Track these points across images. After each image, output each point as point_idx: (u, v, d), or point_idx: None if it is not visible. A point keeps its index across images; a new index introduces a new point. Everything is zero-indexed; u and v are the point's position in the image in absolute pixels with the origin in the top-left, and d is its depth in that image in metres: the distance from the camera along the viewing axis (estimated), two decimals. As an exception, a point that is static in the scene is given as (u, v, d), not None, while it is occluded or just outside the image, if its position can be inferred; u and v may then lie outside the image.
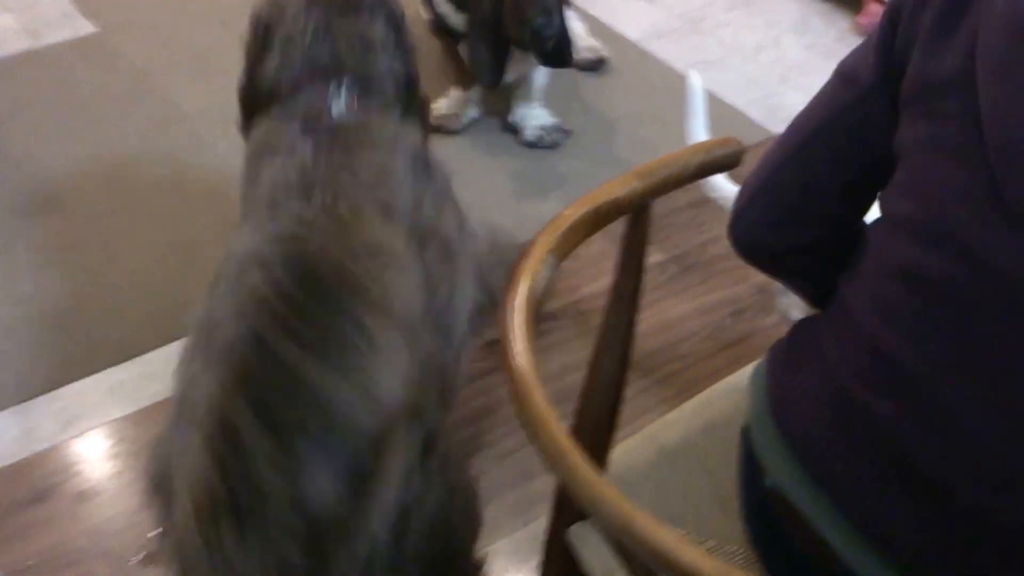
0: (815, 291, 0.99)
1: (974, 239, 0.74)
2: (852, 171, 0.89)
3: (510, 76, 2.27)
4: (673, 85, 2.52)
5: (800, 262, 0.98)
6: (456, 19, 2.25)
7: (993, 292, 0.73)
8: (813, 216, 0.93)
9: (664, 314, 1.93)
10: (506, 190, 2.22)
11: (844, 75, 0.89)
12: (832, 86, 0.90)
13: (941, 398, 0.76)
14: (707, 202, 1.83)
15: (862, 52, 0.87)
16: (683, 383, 1.80)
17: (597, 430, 1.08)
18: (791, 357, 0.92)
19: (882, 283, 0.81)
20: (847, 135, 0.87)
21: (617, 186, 1.06)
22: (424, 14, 2.41)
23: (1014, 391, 0.73)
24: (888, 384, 0.80)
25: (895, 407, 0.79)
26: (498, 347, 0.91)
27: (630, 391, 1.13)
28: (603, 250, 1.90)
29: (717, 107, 2.45)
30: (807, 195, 0.92)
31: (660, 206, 1.21)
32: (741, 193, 0.97)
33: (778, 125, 2.42)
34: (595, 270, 1.97)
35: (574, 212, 1.02)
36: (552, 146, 2.33)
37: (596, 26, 2.67)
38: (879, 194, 0.87)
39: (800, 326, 0.95)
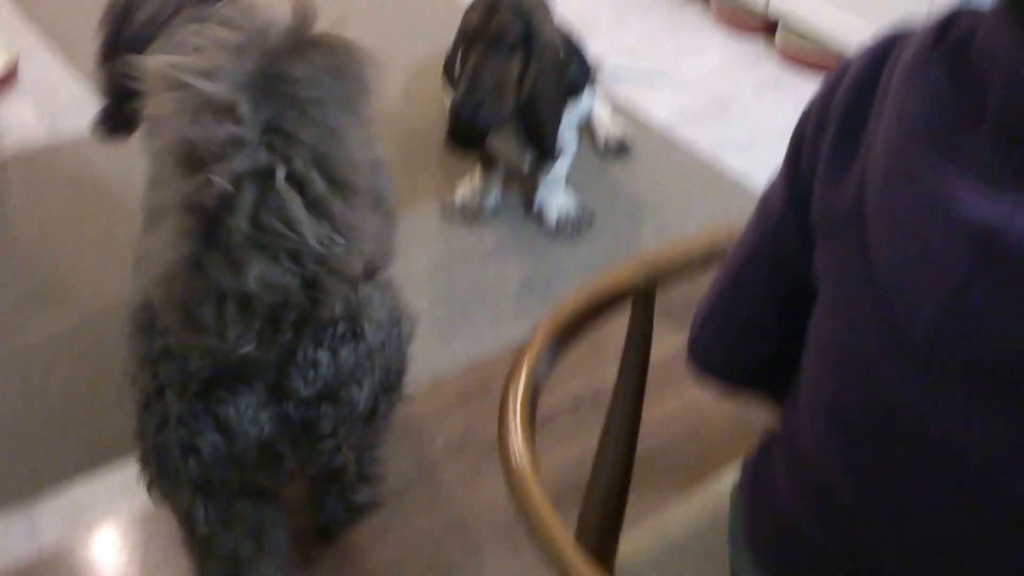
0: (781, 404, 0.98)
1: (885, 381, 0.72)
2: (783, 294, 0.88)
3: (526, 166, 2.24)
4: (700, 170, 2.45)
5: (760, 378, 0.96)
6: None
7: (910, 437, 0.72)
8: (760, 335, 0.92)
9: (687, 397, 1.83)
10: (528, 277, 2.15)
11: (762, 203, 0.88)
12: (754, 214, 0.90)
13: (873, 531, 0.78)
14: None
15: (776, 180, 0.86)
16: (706, 469, 1.70)
17: (602, 526, 1.02)
18: (757, 480, 0.92)
19: (814, 412, 0.80)
20: (770, 261, 0.87)
21: (621, 273, 0.98)
22: (446, 100, 2.37)
23: (939, 539, 0.72)
24: (828, 514, 0.81)
25: (836, 537, 0.80)
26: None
27: (653, 477, 1.06)
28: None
29: (746, 192, 2.38)
30: (750, 317, 0.92)
31: (683, 286, 1.14)
32: (695, 317, 0.96)
33: (808, 209, 2.34)
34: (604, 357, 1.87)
35: (575, 299, 0.95)
36: (575, 233, 2.25)
37: (621, 109, 2.61)
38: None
39: (764, 443, 0.94)
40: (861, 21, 2.64)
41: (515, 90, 2.03)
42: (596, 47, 2.78)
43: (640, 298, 0.99)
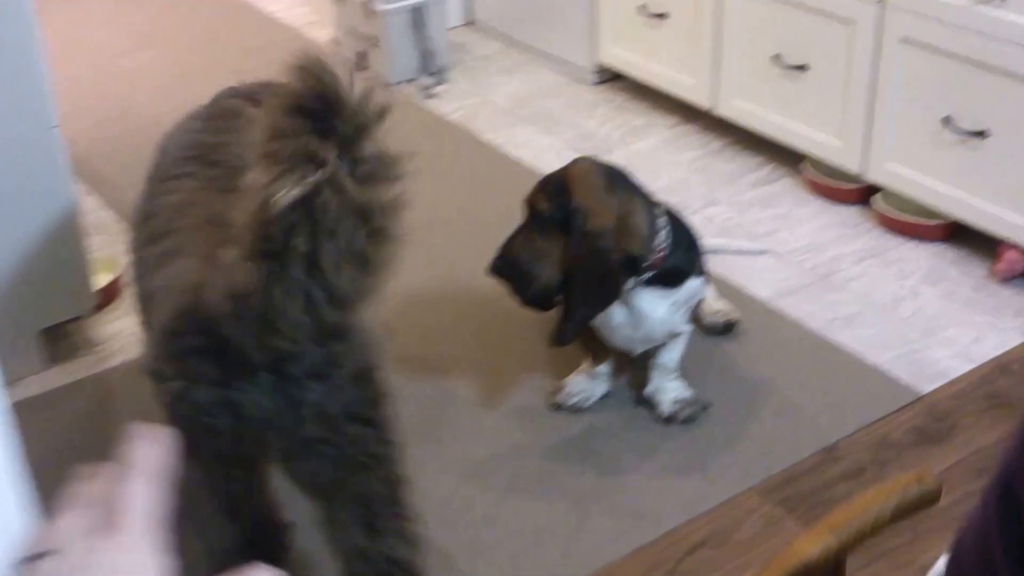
0: None
1: None
2: None
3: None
4: (811, 345, 2.36)
5: None
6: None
7: None
8: None
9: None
10: (643, 470, 2.05)
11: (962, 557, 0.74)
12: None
13: None
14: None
15: (982, 531, 0.73)
16: None
17: None
18: None
19: None
20: None
21: (807, 544, 0.88)
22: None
23: None
24: None
25: None
26: None
27: None
28: None
29: (859, 368, 2.28)
30: None
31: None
32: None
33: (927, 383, 2.23)
34: None
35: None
36: (689, 420, 2.16)
37: (724, 287, 2.54)
38: None
39: None
40: (958, 191, 2.57)
41: (553, 268, 1.98)
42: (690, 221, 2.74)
43: (831, 570, 0.89)
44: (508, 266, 2.04)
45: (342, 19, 3.80)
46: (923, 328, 2.41)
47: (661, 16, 3.21)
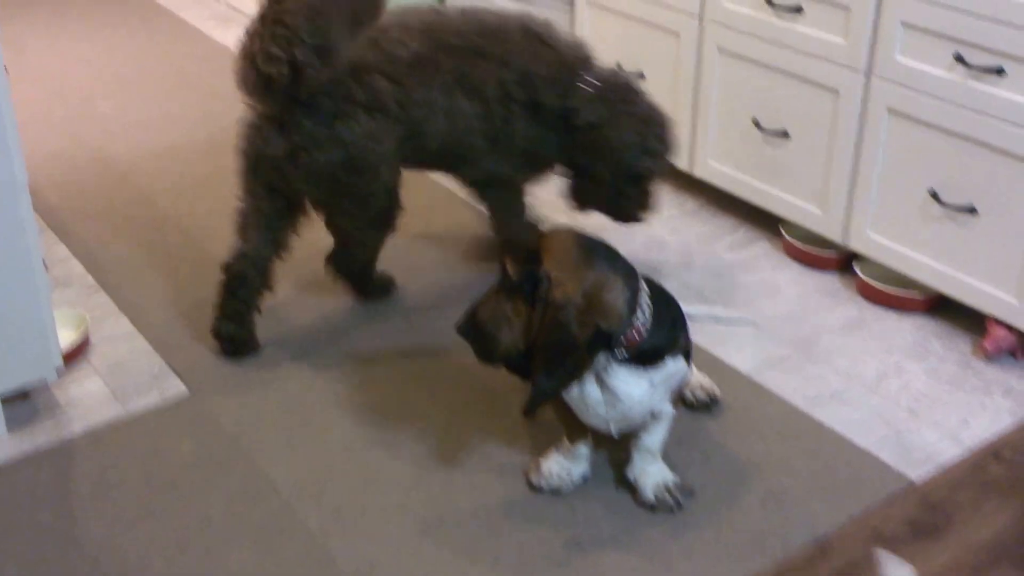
0: None
1: None
2: None
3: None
4: (797, 423, 2.17)
5: None
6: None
7: None
8: None
9: None
10: (626, 562, 1.84)
11: None
12: None
13: None
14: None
15: None
16: None
17: None
18: None
19: None
20: None
21: None
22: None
23: None
24: None
25: None
26: None
27: None
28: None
29: (846, 451, 2.09)
30: None
31: None
32: None
33: (917, 468, 2.04)
34: None
35: None
36: (674, 507, 1.96)
37: (704, 357, 2.35)
38: None
39: None
40: (944, 265, 2.40)
41: (516, 335, 1.80)
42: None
43: None
44: (473, 327, 1.86)
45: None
46: (909, 407, 2.23)
47: (638, 75, 3.03)
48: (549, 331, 1.77)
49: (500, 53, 2.38)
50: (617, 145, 2.43)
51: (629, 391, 1.89)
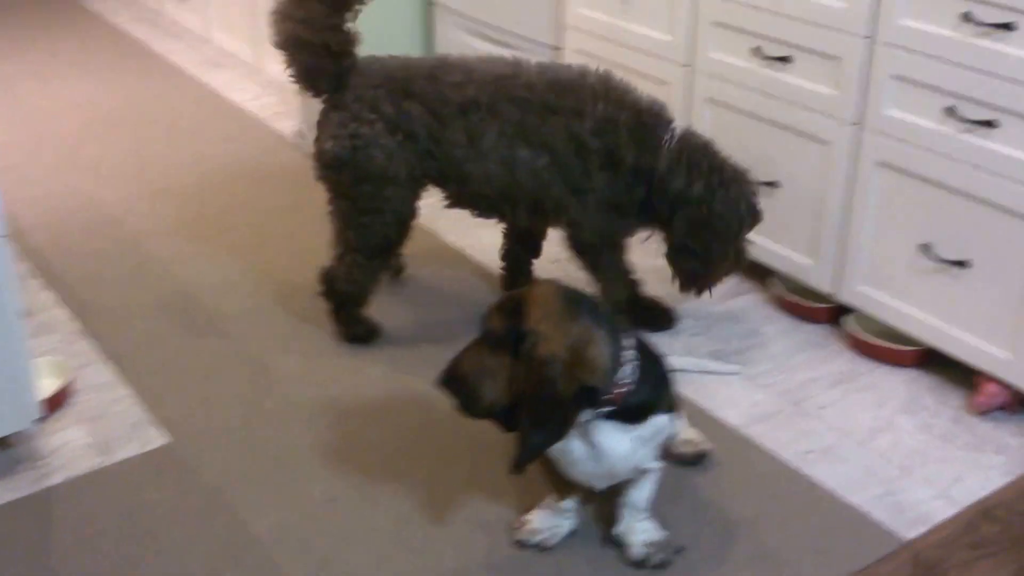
0: None
1: None
2: None
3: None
4: (785, 482, 2.14)
5: None
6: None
7: None
8: None
9: None
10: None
11: None
12: None
13: None
14: None
15: None
16: None
17: None
18: None
19: None
20: None
21: None
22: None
23: None
24: None
25: None
26: None
27: None
28: None
29: (838, 509, 2.07)
30: None
31: None
32: None
33: (909, 527, 2.02)
34: None
35: None
36: (662, 566, 1.93)
37: (692, 410, 2.33)
38: None
39: None
40: (935, 319, 2.39)
41: (500, 389, 1.77)
42: (654, 338, 2.53)
43: None
44: (455, 381, 1.83)
45: (308, 113, 3.59)
46: (901, 464, 2.21)
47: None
48: (535, 387, 1.75)
49: (572, 105, 2.43)
50: (721, 223, 2.46)
51: (613, 447, 1.86)
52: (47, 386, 2.43)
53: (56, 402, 2.42)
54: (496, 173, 2.48)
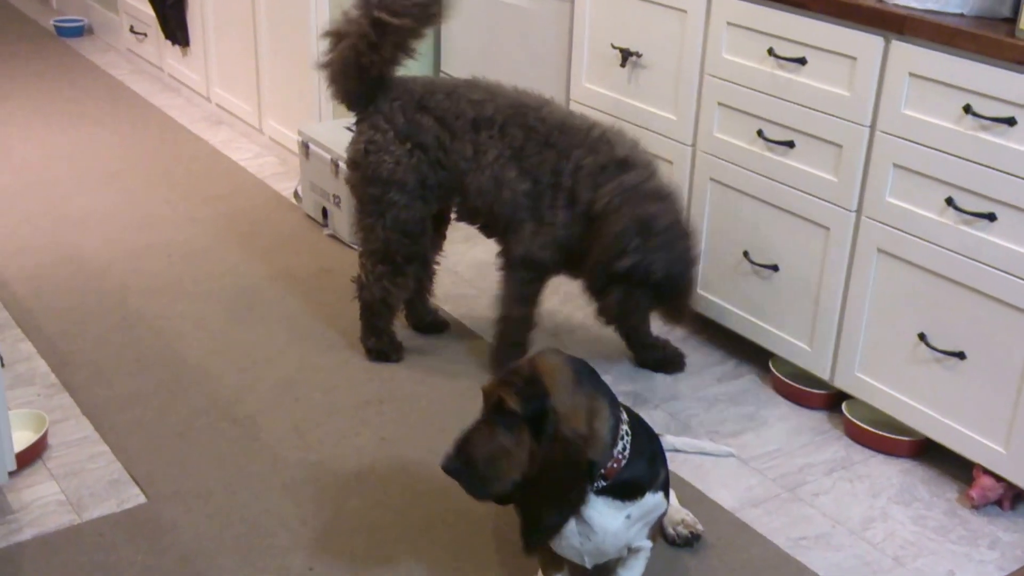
0: None
1: None
2: None
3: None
4: (781, 566, 2.15)
5: None
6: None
7: None
8: None
9: None
10: None
11: None
12: None
13: None
14: None
15: None
16: None
17: None
18: None
19: None
20: None
21: None
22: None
23: None
24: None
25: None
26: None
27: None
28: None
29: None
30: None
31: None
32: None
33: (903, 621, 2.01)
34: None
35: None
36: (648, 649, 1.93)
37: (687, 490, 2.34)
38: None
39: None
40: (931, 409, 2.42)
41: (517, 469, 1.77)
42: (650, 417, 2.55)
43: None
44: (466, 464, 1.81)
45: (307, 174, 3.65)
46: (895, 555, 2.21)
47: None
48: (558, 466, 1.76)
49: (565, 145, 2.60)
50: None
51: (604, 524, 1.87)
52: (21, 439, 2.43)
53: (30, 456, 2.41)
54: (487, 188, 2.66)
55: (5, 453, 2.22)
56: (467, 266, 3.42)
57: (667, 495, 1.99)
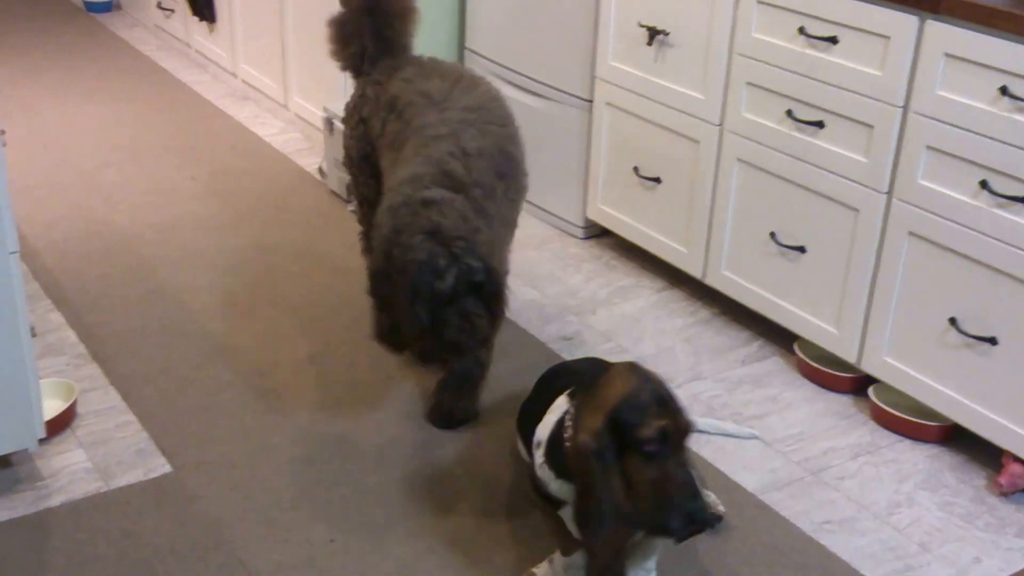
0: None
1: None
2: None
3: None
4: (803, 550, 2.15)
5: None
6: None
7: None
8: None
9: None
10: None
11: None
12: None
13: None
14: None
15: None
16: None
17: None
18: None
19: None
20: None
21: None
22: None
23: None
24: None
25: None
26: None
27: None
28: None
29: (861, 585, 2.05)
30: None
31: None
32: None
33: (928, 605, 2.01)
34: None
35: None
36: (670, 628, 1.93)
37: (709, 472, 2.34)
38: None
39: None
40: (960, 395, 2.40)
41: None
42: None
43: None
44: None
45: (331, 150, 3.65)
46: (920, 541, 2.21)
47: (655, 180, 3.08)
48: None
49: (447, 133, 2.47)
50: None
51: None
52: (51, 407, 2.45)
53: (59, 424, 2.44)
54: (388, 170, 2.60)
55: (36, 421, 2.25)
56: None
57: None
